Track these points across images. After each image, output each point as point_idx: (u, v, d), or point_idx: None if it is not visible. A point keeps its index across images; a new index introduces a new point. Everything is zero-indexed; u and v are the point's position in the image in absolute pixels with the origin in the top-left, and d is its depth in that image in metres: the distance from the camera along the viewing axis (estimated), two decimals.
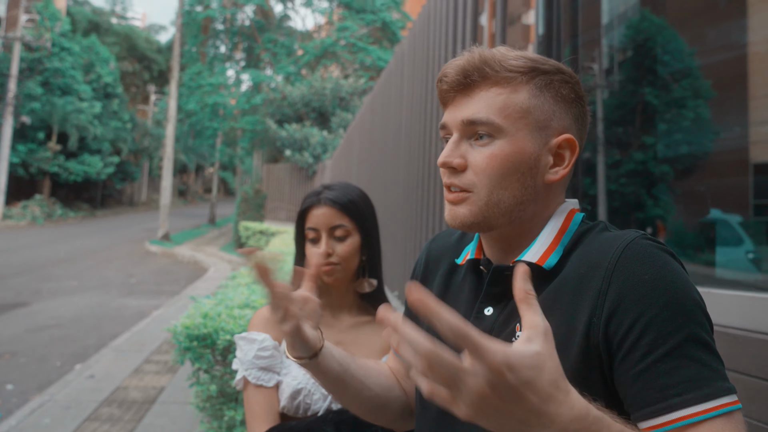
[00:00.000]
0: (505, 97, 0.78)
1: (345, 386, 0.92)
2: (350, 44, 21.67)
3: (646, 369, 0.65)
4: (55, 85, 25.04)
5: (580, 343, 0.69)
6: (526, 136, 0.78)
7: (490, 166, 0.78)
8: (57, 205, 26.02)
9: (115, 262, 13.48)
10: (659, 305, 0.66)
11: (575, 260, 0.76)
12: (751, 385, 1.23)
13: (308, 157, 15.98)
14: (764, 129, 3.01)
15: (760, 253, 2.83)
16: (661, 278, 0.67)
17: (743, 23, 3.02)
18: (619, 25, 3.87)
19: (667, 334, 0.65)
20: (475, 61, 0.79)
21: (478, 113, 0.78)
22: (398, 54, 4.38)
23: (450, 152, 0.80)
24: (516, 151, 0.78)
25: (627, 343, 0.66)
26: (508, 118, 0.77)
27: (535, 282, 0.77)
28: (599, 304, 0.69)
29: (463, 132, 0.80)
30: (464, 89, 0.80)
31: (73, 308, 8.04)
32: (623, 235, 0.74)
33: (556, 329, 0.71)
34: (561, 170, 0.81)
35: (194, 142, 32.09)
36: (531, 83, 0.79)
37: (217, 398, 2.58)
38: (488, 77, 0.79)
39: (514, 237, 0.83)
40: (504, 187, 0.78)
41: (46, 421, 3.94)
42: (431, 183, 3.04)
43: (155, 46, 38.98)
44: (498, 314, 0.81)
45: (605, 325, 0.68)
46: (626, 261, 0.69)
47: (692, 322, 0.66)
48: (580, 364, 0.69)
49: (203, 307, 2.70)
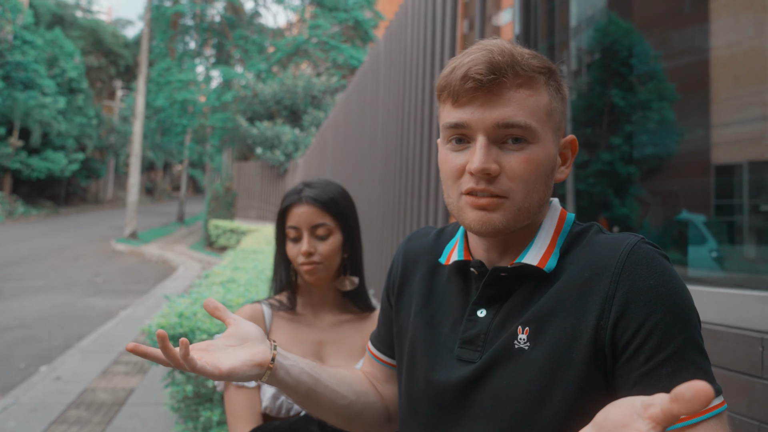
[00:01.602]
0: (535, 99, 0.76)
1: (317, 397, 0.90)
2: (322, 42, 21.54)
3: (649, 372, 0.67)
4: (16, 79, 24.22)
5: (588, 345, 0.71)
6: (551, 139, 0.78)
7: (527, 171, 0.76)
8: (19, 202, 25.19)
9: (80, 260, 13.13)
10: (663, 310, 0.69)
11: (576, 263, 0.77)
12: (727, 378, 1.28)
13: (280, 155, 15.85)
14: (725, 131, 3.12)
15: (723, 251, 2.93)
16: (663, 283, 0.70)
17: (706, 28, 3.12)
18: (587, 28, 3.95)
19: (670, 338, 0.68)
20: (507, 59, 0.74)
21: (515, 116, 0.74)
22: (374, 53, 4.39)
23: (486, 158, 0.75)
24: (546, 154, 0.77)
25: (632, 346, 0.69)
26: (539, 121, 0.76)
27: (536, 284, 0.78)
28: (607, 308, 0.71)
29: (494, 134, 0.75)
30: (491, 88, 0.75)
31: (37, 308, 7.81)
32: (625, 239, 0.75)
33: (561, 332, 0.73)
34: (565, 169, 0.83)
35: (162, 139, 31.44)
36: (548, 84, 0.78)
37: (193, 399, 2.55)
38: (518, 76, 0.75)
39: (516, 239, 0.83)
40: (536, 191, 0.77)
41: (11, 425, 3.83)
42: (408, 182, 3.06)
43: (122, 40, 38.05)
44: (492, 316, 0.81)
45: (612, 327, 0.70)
46: (632, 265, 0.71)
47: (690, 326, 0.69)
48: (588, 365, 0.71)
49: (178, 306, 2.67)
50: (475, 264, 0.85)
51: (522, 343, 0.76)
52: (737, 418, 1.26)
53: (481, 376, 0.78)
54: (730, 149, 3.10)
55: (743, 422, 1.24)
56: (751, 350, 1.24)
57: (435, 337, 0.87)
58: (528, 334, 0.75)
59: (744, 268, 2.82)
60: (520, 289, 0.80)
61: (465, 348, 0.82)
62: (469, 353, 0.81)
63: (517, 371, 0.75)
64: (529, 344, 0.75)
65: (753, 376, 1.23)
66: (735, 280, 2.71)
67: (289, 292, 1.41)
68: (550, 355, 0.73)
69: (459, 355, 0.82)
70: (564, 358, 0.72)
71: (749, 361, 1.24)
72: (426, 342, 0.88)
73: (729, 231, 3.00)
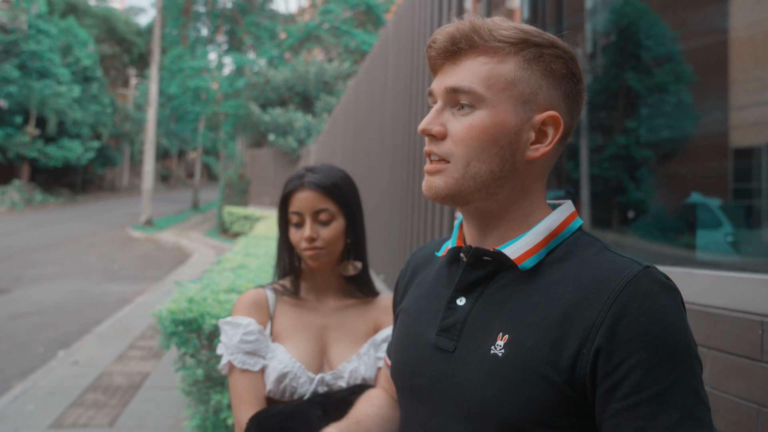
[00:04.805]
0: (490, 67, 0.75)
1: None
2: (334, 27, 21.42)
3: (626, 408, 0.65)
4: (32, 68, 24.43)
5: (567, 368, 0.68)
6: (509, 109, 0.75)
7: (468, 137, 0.75)
8: (36, 190, 25.54)
9: (96, 247, 13.32)
10: (649, 350, 0.65)
11: (570, 277, 0.74)
12: (729, 362, 1.27)
13: (292, 142, 15.86)
14: (744, 114, 3.05)
15: (739, 236, 2.88)
16: (655, 322, 0.66)
17: (724, 8, 3.04)
18: (603, 10, 3.86)
19: (654, 379, 0.64)
20: (464, 29, 0.76)
21: (461, 81, 0.76)
22: (383, 37, 4.35)
23: (431, 119, 0.78)
24: (496, 123, 0.75)
25: (611, 380, 0.66)
26: (491, 89, 0.75)
27: (516, 280, 0.77)
28: (591, 336, 0.67)
29: (447, 100, 0.78)
30: (452, 56, 0.78)
31: (54, 295, 7.95)
32: (627, 267, 0.70)
33: (540, 346, 0.70)
34: (542, 147, 0.77)
35: (176, 127, 31.60)
36: (519, 55, 0.76)
37: (204, 382, 2.58)
38: (476, 46, 0.76)
39: (491, 215, 0.80)
40: (482, 159, 0.75)
41: (30, 408, 3.91)
42: (417, 166, 3.04)
43: (135, 28, 38.16)
44: (471, 305, 0.79)
45: (594, 358, 0.67)
46: (626, 298, 0.67)
47: (681, 369, 0.65)
48: (566, 385, 0.68)
49: (188, 291, 2.69)
50: (465, 249, 0.83)
51: (498, 348, 0.74)
52: (737, 401, 1.24)
53: (455, 372, 0.77)
54: (748, 132, 3.03)
55: (743, 405, 1.22)
56: (751, 333, 1.22)
57: (420, 328, 0.86)
58: (506, 341, 0.73)
59: (761, 253, 2.77)
60: (499, 281, 0.78)
61: (441, 336, 0.81)
62: (445, 341, 0.80)
63: (489, 377, 0.73)
64: (504, 351, 0.73)
65: (753, 359, 1.21)
66: (751, 264, 2.66)
67: (293, 277, 1.41)
68: (525, 369, 0.70)
69: (436, 342, 0.81)
70: (539, 375, 0.69)
71: (749, 344, 1.22)
72: (413, 334, 0.87)
73: (746, 215, 2.94)
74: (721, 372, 1.28)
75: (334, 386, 1.30)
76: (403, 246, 3.33)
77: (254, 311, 1.34)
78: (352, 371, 1.31)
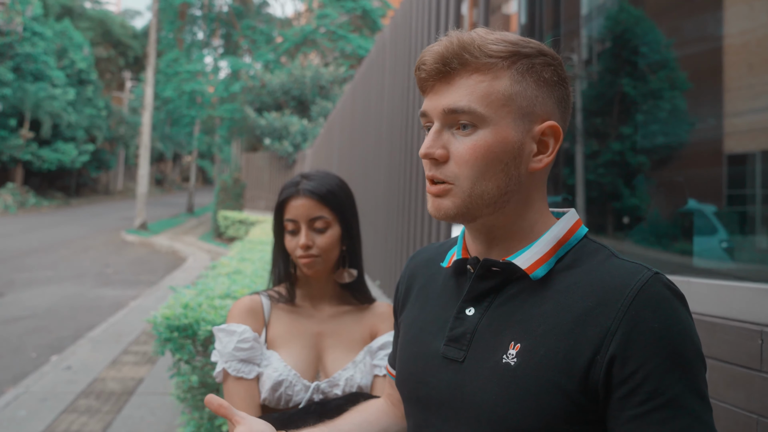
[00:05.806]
0: (486, 84, 0.75)
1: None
2: (330, 32, 21.45)
3: (641, 415, 0.66)
4: (27, 70, 24.35)
5: (581, 375, 0.69)
6: (510, 125, 0.75)
7: (473, 158, 0.75)
8: (30, 193, 25.42)
9: (90, 251, 13.25)
10: (663, 355, 0.67)
11: (580, 284, 0.74)
12: (727, 371, 1.26)
13: (288, 146, 15.85)
14: (738, 120, 3.06)
15: (733, 242, 2.89)
16: (668, 328, 0.67)
17: (719, 16, 3.06)
18: (599, 16, 3.88)
19: (667, 385, 0.66)
20: (454, 48, 0.75)
21: (459, 102, 0.75)
22: (379, 43, 4.35)
23: (432, 143, 0.77)
24: (499, 140, 0.75)
25: (626, 387, 0.67)
26: (490, 107, 0.74)
27: (526, 290, 0.77)
28: (606, 343, 0.68)
29: (445, 121, 0.77)
30: (444, 77, 0.77)
31: (47, 299, 7.89)
32: (638, 273, 0.71)
33: (554, 354, 0.71)
34: (545, 158, 0.78)
35: (171, 130, 31.56)
36: (512, 68, 0.75)
37: (198, 389, 2.56)
38: (468, 63, 0.75)
39: (497, 228, 0.80)
40: (488, 178, 0.75)
41: (22, 414, 3.88)
42: (413, 172, 3.04)
43: (130, 31, 38.12)
44: (480, 315, 0.79)
45: (608, 365, 0.68)
46: (639, 305, 0.68)
47: (691, 373, 0.67)
48: (579, 394, 0.69)
49: (183, 297, 2.67)
50: (472, 261, 0.83)
51: (510, 358, 0.74)
52: (735, 411, 1.24)
53: (465, 382, 0.77)
54: (742, 138, 3.04)
55: (742, 415, 1.22)
56: (750, 343, 1.22)
57: (427, 337, 0.86)
58: (518, 350, 0.73)
59: (756, 259, 2.78)
60: (509, 291, 0.79)
61: (450, 346, 0.81)
62: (454, 351, 0.80)
63: (501, 386, 0.73)
64: (517, 360, 0.73)
65: (752, 369, 1.21)
66: (745, 271, 2.67)
67: (288, 284, 1.40)
68: (538, 377, 0.71)
69: (444, 352, 0.81)
70: (552, 383, 0.70)
71: (748, 353, 1.22)
72: (420, 344, 0.87)
73: (740, 221, 2.95)
74: (719, 382, 1.28)
75: (330, 394, 1.29)
76: (399, 251, 3.32)
77: (249, 318, 1.33)
78: (348, 379, 1.30)
